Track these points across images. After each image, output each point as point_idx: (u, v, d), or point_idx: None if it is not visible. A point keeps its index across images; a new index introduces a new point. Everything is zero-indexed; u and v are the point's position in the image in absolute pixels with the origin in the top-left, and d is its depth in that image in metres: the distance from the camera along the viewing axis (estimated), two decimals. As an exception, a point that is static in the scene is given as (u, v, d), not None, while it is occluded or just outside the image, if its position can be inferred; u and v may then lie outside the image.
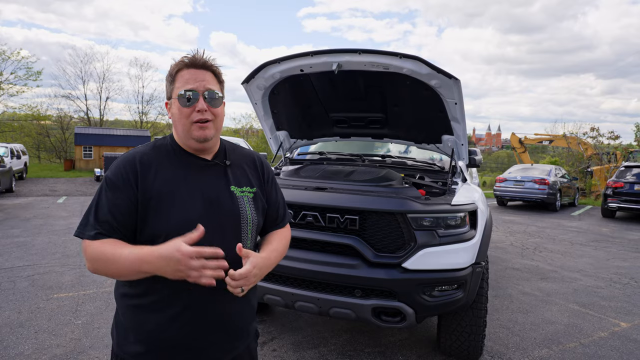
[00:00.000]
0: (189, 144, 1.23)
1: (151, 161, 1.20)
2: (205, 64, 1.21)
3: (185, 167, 1.22)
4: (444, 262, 2.43)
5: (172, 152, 1.24)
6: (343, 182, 2.78)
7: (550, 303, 4.27)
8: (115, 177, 1.16)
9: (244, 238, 1.25)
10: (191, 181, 1.21)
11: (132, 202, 1.14)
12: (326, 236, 2.48)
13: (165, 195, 1.16)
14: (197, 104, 1.17)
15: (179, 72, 1.20)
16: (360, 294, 2.42)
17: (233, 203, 1.24)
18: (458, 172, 3.37)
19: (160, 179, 1.17)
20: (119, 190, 1.14)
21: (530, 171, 12.95)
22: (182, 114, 1.18)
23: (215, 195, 1.22)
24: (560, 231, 8.91)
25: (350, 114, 3.39)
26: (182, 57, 1.21)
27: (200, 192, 1.21)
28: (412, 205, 2.39)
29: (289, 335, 3.24)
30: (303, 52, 2.82)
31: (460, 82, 2.64)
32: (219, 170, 1.27)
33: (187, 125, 1.19)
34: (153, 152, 1.22)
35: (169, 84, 1.22)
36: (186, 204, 1.17)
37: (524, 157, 21.81)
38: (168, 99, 1.24)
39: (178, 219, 1.14)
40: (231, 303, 1.24)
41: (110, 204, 1.14)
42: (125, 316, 1.22)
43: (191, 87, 1.17)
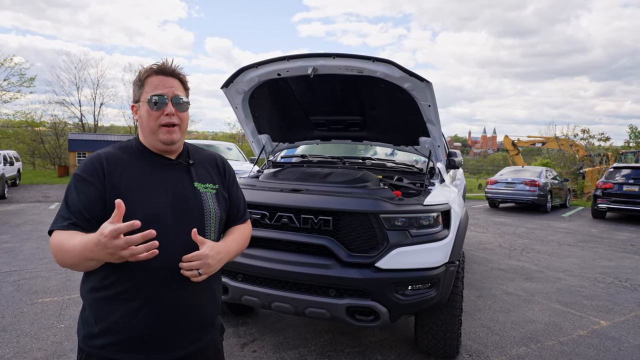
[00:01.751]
0: (155, 145, 1.30)
1: (117, 159, 1.26)
2: (173, 71, 1.31)
3: (150, 165, 1.30)
4: (417, 262, 2.47)
5: (137, 152, 1.31)
6: (319, 183, 2.82)
7: (532, 302, 4.32)
8: (84, 172, 1.22)
9: (207, 231, 1.33)
10: (156, 177, 1.28)
11: (100, 194, 1.20)
12: (301, 237, 2.52)
13: (131, 190, 1.22)
14: (166, 108, 1.26)
15: (148, 77, 1.28)
16: (334, 294, 2.46)
17: (197, 198, 1.32)
18: (436, 173, 3.42)
19: (126, 175, 1.24)
20: (87, 183, 1.20)
21: (521, 173, 13.04)
22: (151, 116, 1.27)
23: (179, 190, 1.30)
24: (549, 232, 8.99)
25: (329, 117, 3.44)
26: (152, 64, 1.30)
27: (164, 187, 1.28)
28: (384, 206, 2.44)
29: (270, 337, 3.27)
30: (279, 56, 2.87)
31: (432, 85, 2.70)
32: (182, 169, 1.35)
33: (154, 128, 1.27)
34: (119, 152, 1.30)
35: (137, 88, 1.30)
36: (151, 198, 1.24)
37: (517, 159, 21.96)
38: (135, 102, 1.31)
39: (143, 213, 1.18)
40: (195, 294, 1.30)
41: (80, 195, 1.19)
42: (92, 309, 1.25)
43: (160, 92, 1.26)
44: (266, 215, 2.60)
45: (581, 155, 20.07)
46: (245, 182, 3.03)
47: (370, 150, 4.38)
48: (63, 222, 1.16)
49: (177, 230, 1.25)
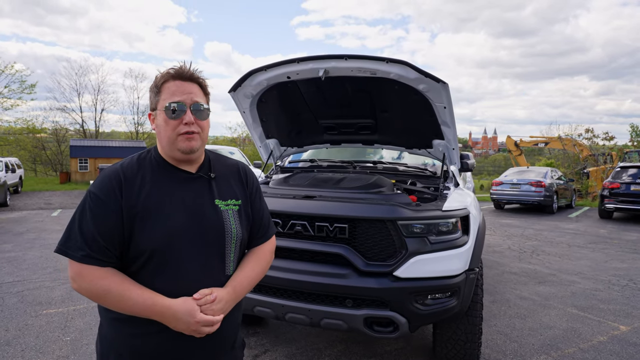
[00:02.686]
0: (174, 155, 1.21)
1: (135, 175, 1.17)
2: (192, 76, 1.20)
3: (169, 181, 1.20)
4: (437, 270, 2.38)
5: (156, 165, 1.22)
6: (332, 189, 2.73)
7: (548, 307, 4.22)
8: (100, 192, 1.13)
9: (227, 253, 1.24)
10: (175, 195, 1.19)
11: (118, 216, 1.12)
12: (315, 245, 2.43)
13: (150, 210, 1.14)
14: (185, 116, 1.17)
15: (164, 83, 1.18)
16: (351, 304, 2.36)
17: (217, 217, 1.23)
18: (450, 176, 3.33)
19: (145, 193, 1.15)
20: (104, 205, 1.12)
21: (526, 174, 12.94)
22: (169, 125, 1.17)
23: (199, 209, 1.21)
24: (557, 233, 8.88)
25: (339, 120, 3.35)
26: (168, 68, 1.20)
27: (184, 206, 1.19)
28: (402, 212, 2.35)
29: (282, 347, 3.17)
30: (289, 58, 2.79)
31: (448, 86, 2.61)
32: (203, 184, 1.25)
33: (172, 137, 1.18)
34: (137, 166, 1.20)
35: (154, 95, 1.21)
36: (170, 218, 1.16)
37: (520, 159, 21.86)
38: (152, 110, 1.22)
39: (163, 234, 1.13)
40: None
41: (96, 220, 1.10)
42: (109, 329, 1.20)
43: (178, 99, 1.16)
44: (279, 224, 2.51)
45: (585, 155, 19.95)
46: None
47: (378, 153, 4.29)
48: (77, 252, 1.09)
49: (196, 254, 1.18)
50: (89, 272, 1.09)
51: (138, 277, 1.14)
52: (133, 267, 1.15)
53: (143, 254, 1.13)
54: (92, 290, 1.10)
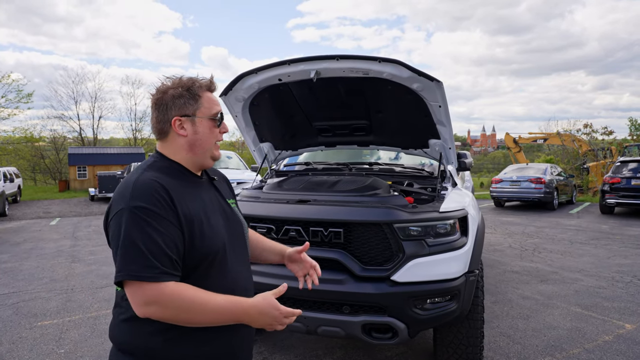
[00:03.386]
0: (204, 162, 1.25)
1: (173, 186, 1.14)
2: (216, 88, 1.30)
3: (195, 187, 1.23)
4: (435, 273, 2.32)
5: (179, 173, 1.21)
6: (327, 193, 2.67)
7: (551, 307, 4.15)
8: (154, 205, 1.06)
9: (247, 242, 1.36)
10: (205, 199, 1.23)
11: (177, 227, 1.09)
12: (310, 251, 2.36)
13: (200, 216, 1.16)
14: (225, 126, 1.27)
15: (204, 92, 1.23)
16: (348, 311, 2.30)
17: (235, 214, 1.33)
18: (447, 176, 3.27)
19: (187, 200, 1.15)
20: (163, 218, 1.06)
21: (526, 171, 12.88)
22: (213, 134, 1.23)
23: (224, 208, 1.29)
24: (559, 230, 8.81)
25: (333, 122, 3.30)
26: (201, 79, 1.24)
27: (215, 207, 1.25)
28: (398, 215, 2.29)
29: (280, 355, 3.10)
30: (280, 60, 2.73)
31: (442, 85, 2.55)
32: (211, 186, 1.32)
33: (212, 145, 1.24)
34: (167, 176, 1.15)
35: (191, 102, 1.20)
36: (217, 221, 1.21)
37: (519, 156, 21.82)
38: (184, 115, 1.19)
39: (219, 237, 1.18)
40: None
41: (160, 235, 1.04)
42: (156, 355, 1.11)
43: (220, 110, 1.26)
44: (272, 229, 2.45)
45: (584, 150, 19.89)
46: (249, 193, 2.88)
47: (375, 154, 4.22)
48: (150, 272, 1.01)
49: (236, 250, 1.27)
50: (169, 289, 1.02)
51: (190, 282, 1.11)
52: (193, 276, 1.13)
53: (206, 260, 1.13)
54: (176, 307, 1.03)
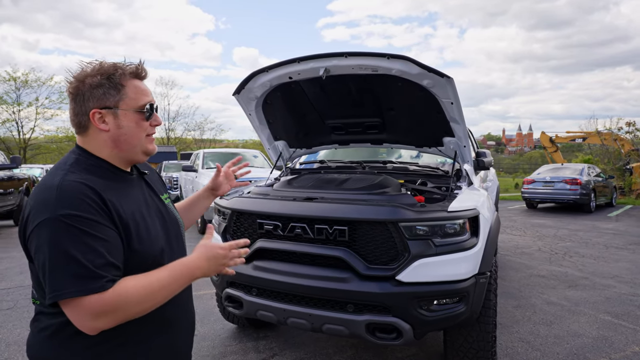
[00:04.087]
0: (135, 158, 1.14)
1: (100, 185, 1.03)
2: (146, 75, 1.16)
3: (128, 186, 1.13)
4: (442, 274, 2.26)
5: (107, 171, 1.09)
6: (334, 191, 2.66)
7: (578, 313, 3.95)
8: (86, 211, 0.95)
9: (184, 239, 1.31)
10: (137, 197, 1.14)
11: (116, 231, 1.00)
12: (315, 248, 2.37)
13: (136, 219, 1.07)
14: (157, 118, 1.16)
15: (127, 81, 1.09)
16: (352, 309, 2.28)
17: (169, 212, 1.26)
18: (463, 175, 3.18)
19: (122, 202, 1.06)
20: (99, 224, 0.96)
21: (561, 171, 12.32)
22: (141, 127, 1.12)
23: (158, 207, 1.21)
24: (594, 234, 8.36)
25: (346, 120, 3.28)
26: (123, 64, 1.10)
27: (148, 206, 1.17)
28: (403, 214, 2.24)
29: (290, 352, 3.12)
30: (290, 59, 2.74)
31: (453, 81, 2.48)
32: (142, 182, 1.23)
33: (142, 139, 1.13)
34: (92, 176, 1.04)
35: (115, 92, 1.06)
36: (152, 221, 1.14)
37: (555, 156, 20.90)
38: (104, 107, 1.06)
39: (157, 238, 1.12)
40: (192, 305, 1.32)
41: (101, 243, 0.95)
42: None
43: (150, 100, 1.13)
44: (279, 226, 2.47)
45: (627, 150, 18.78)
46: (259, 191, 2.91)
47: (395, 153, 4.16)
48: (94, 283, 0.91)
49: (173, 249, 1.21)
50: (112, 293, 0.93)
51: None
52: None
53: (143, 265, 1.04)
54: (126, 306, 0.95)
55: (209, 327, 3.58)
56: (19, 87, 26.91)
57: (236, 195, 2.98)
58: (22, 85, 26.93)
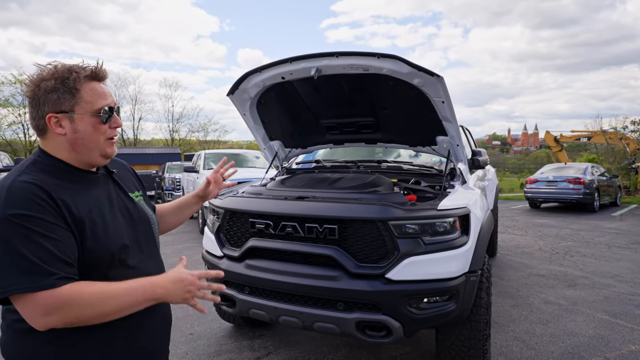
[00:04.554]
0: (92, 161, 1.13)
1: (53, 185, 1.03)
2: (106, 76, 1.14)
3: (83, 184, 1.12)
4: (432, 272, 2.27)
5: (64, 171, 1.09)
6: (326, 190, 2.68)
7: (575, 312, 3.93)
8: (35, 211, 0.96)
9: (156, 237, 1.31)
10: (99, 197, 1.14)
11: (68, 230, 1.01)
12: (306, 247, 2.39)
13: (92, 217, 1.07)
14: (117, 120, 1.16)
15: (83, 84, 1.08)
16: (343, 308, 2.29)
17: (138, 209, 1.26)
18: (457, 174, 3.18)
19: (77, 201, 1.05)
20: (49, 223, 0.97)
21: (564, 170, 12.24)
22: (99, 131, 1.11)
23: (123, 205, 1.21)
24: (596, 233, 8.31)
25: (340, 119, 3.29)
26: (80, 66, 1.09)
27: (112, 205, 1.16)
28: (393, 212, 2.26)
29: (285, 351, 3.14)
30: (282, 59, 2.76)
31: (443, 80, 2.49)
32: (109, 181, 1.22)
33: (101, 143, 1.12)
34: (47, 176, 1.04)
35: (69, 97, 1.06)
36: (112, 220, 1.13)
37: (560, 155, 20.77)
38: (60, 112, 1.06)
39: (115, 240, 1.10)
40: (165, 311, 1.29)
41: (51, 242, 0.96)
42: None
43: (107, 103, 1.12)
44: (270, 225, 2.49)
45: (633, 149, 18.62)
46: (252, 190, 2.94)
47: (393, 152, 4.17)
48: (45, 280, 0.92)
49: (140, 248, 1.20)
50: (66, 291, 0.94)
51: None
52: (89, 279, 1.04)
53: (102, 263, 1.06)
54: (79, 306, 0.96)
55: (206, 326, 3.61)
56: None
57: (230, 194, 3.01)
58: (27, 88, 27.18)
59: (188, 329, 3.57)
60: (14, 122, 27.41)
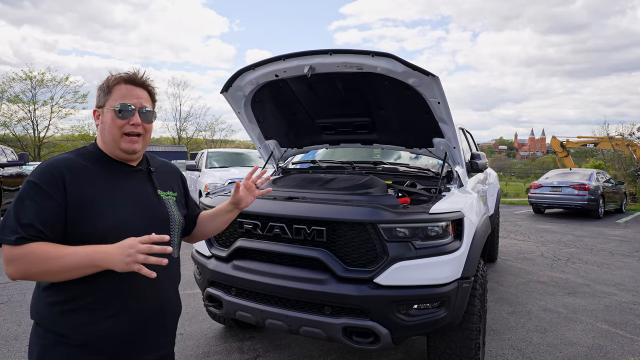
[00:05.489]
0: (116, 153, 1.29)
1: (78, 167, 1.22)
2: (143, 83, 1.31)
3: (113, 173, 1.28)
4: (422, 277, 2.20)
5: (98, 158, 1.28)
6: (317, 190, 2.62)
7: (574, 321, 3.84)
8: (41, 181, 1.15)
9: (172, 238, 1.36)
10: (121, 185, 1.27)
11: (60, 206, 1.15)
12: (293, 249, 2.33)
13: (98, 198, 1.20)
14: (132, 118, 1.27)
15: (116, 85, 1.27)
16: (329, 312, 2.24)
17: (161, 205, 1.35)
18: (455, 177, 3.11)
19: (90, 183, 1.21)
20: (45, 194, 1.14)
21: (569, 176, 12.09)
22: (115, 124, 1.25)
23: (144, 197, 1.32)
24: (600, 240, 8.17)
25: (335, 119, 3.23)
26: (122, 72, 1.30)
27: (130, 194, 1.28)
28: (382, 215, 2.19)
29: (274, 353, 3.08)
30: (275, 56, 2.71)
31: (439, 79, 2.43)
32: (144, 176, 1.36)
33: (117, 136, 1.26)
34: (78, 158, 1.25)
35: (103, 94, 1.28)
36: (118, 207, 1.23)
37: (566, 161, 20.56)
38: (99, 107, 1.30)
39: (112, 221, 1.20)
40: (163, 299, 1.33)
41: (36, 208, 1.12)
42: (56, 324, 1.19)
43: (128, 102, 1.26)
44: (258, 225, 2.44)
45: (639, 156, 18.38)
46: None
47: (394, 154, 4.09)
48: (11, 236, 1.10)
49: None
50: (29, 248, 1.10)
51: None
52: None
53: (92, 240, 1.16)
54: (30, 262, 1.09)
55: (197, 327, 3.56)
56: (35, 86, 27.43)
57: (222, 193, 2.96)
58: (37, 85, 27.45)
59: (179, 328, 3.51)
60: (23, 117, 27.62)
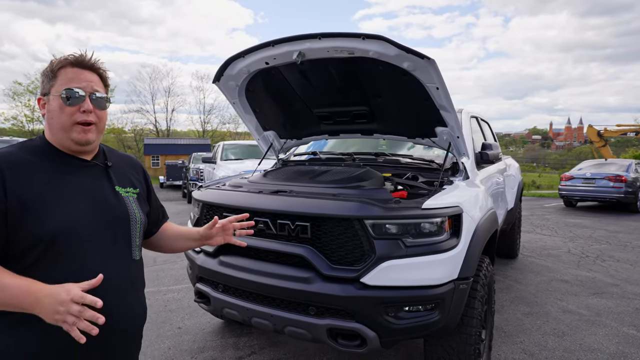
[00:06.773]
0: (66, 145, 1.16)
1: (21, 163, 1.10)
2: (93, 65, 1.19)
3: (63, 168, 1.16)
4: (413, 277, 2.03)
5: (45, 152, 1.15)
6: (307, 184, 2.48)
7: (597, 324, 3.54)
8: None
9: (133, 237, 1.25)
10: (72, 181, 1.15)
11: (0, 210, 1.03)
12: (277, 245, 2.21)
13: (44, 199, 1.08)
14: (83, 104, 1.14)
15: (62, 68, 1.15)
16: (314, 312, 2.11)
17: (120, 203, 1.23)
18: (460, 169, 2.90)
19: (36, 181, 1.09)
20: None
21: (605, 167, 11.35)
22: (64, 112, 1.13)
23: (100, 195, 1.19)
24: (636, 236, 7.62)
25: (332, 109, 3.07)
26: (67, 55, 1.17)
27: (83, 192, 1.16)
28: (369, 210, 2.03)
29: (269, 351, 2.99)
30: (264, 42, 2.57)
31: (435, 63, 2.22)
32: (100, 171, 1.24)
33: (67, 125, 1.14)
34: (22, 153, 1.13)
35: (47, 80, 1.16)
36: (68, 204, 1.12)
37: (603, 151, 19.50)
38: (43, 95, 1.17)
39: (61, 221, 1.08)
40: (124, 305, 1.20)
41: None
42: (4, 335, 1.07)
43: (77, 86, 1.14)
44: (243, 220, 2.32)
45: (686, 145, 17.09)
46: (234, 182, 2.79)
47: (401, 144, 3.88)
48: None
49: (101, 239, 1.16)
50: None
51: (33, 270, 1.05)
52: (26, 261, 1.06)
53: (40, 242, 1.05)
54: None
55: (195, 320, 3.53)
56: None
57: (213, 186, 2.87)
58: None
59: (178, 322, 3.51)
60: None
